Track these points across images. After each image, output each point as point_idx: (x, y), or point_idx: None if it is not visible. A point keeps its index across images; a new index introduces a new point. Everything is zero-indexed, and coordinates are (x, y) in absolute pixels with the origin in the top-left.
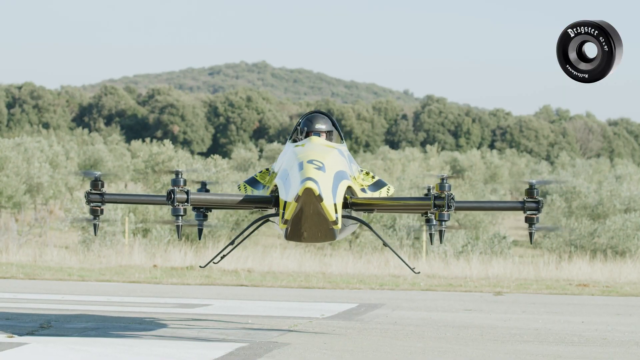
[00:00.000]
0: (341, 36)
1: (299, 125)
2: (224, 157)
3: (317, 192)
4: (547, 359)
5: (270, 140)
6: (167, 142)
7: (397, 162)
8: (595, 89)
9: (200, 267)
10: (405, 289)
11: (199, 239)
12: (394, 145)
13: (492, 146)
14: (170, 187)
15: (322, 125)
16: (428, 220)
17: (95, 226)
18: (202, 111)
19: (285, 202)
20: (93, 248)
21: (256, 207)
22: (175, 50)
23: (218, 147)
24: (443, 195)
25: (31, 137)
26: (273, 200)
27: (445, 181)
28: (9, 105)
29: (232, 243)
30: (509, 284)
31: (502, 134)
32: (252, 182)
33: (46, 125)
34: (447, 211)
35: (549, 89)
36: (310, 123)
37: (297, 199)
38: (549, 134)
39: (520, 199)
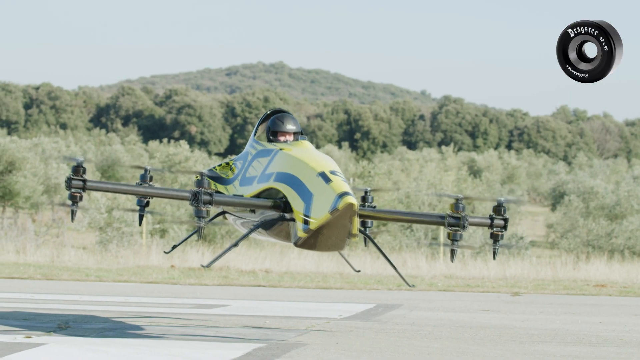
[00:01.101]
0: (358, 37)
1: (263, 122)
2: None
3: (356, 207)
4: (564, 359)
5: None
6: (183, 142)
7: (414, 163)
8: (613, 89)
9: (202, 266)
10: (423, 290)
11: (140, 224)
12: (411, 145)
13: (509, 147)
14: (195, 189)
15: (293, 126)
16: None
17: (72, 212)
18: (219, 112)
19: (308, 213)
20: (110, 248)
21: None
22: (192, 51)
23: (235, 148)
24: (458, 216)
25: (49, 137)
26: (282, 206)
27: (460, 202)
28: (27, 106)
29: (235, 245)
30: (527, 284)
31: (519, 135)
32: (214, 177)
33: (63, 126)
34: (461, 232)
35: (566, 89)
36: (281, 123)
37: (334, 212)
38: (566, 134)
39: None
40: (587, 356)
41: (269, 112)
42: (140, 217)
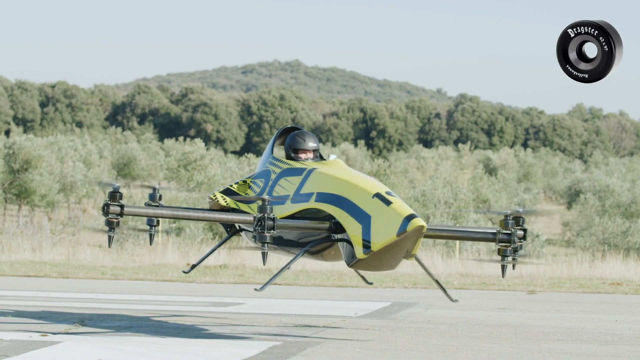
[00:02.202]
0: (374, 35)
1: (278, 139)
2: (257, 155)
3: (425, 229)
4: (580, 357)
5: None
6: (198, 140)
7: (430, 161)
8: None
9: (255, 289)
10: (439, 288)
11: (150, 244)
12: (427, 144)
13: (525, 145)
14: (259, 214)
15: (314, 144)
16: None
17: (110, 238)
18: (235, 110)
19: (367, 235)
20: (126, 247)
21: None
22: (208, 49)
23: (251, 146)
24: (509, 232)
25: (64, 135)
26: (333, 227)
27: (509, 218)
28: (43, 104)
29: (287, 267)
30: (542, 282)
31: (535, 133)
32: (230, 194)
33: (79, 124)
34: (511, 247)
35: (582, 87)
36: (302, 141)
37: (401, 234)
38: (582, 132)
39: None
40: (603, 354)
41: (282, 129)
42: (151, 237)
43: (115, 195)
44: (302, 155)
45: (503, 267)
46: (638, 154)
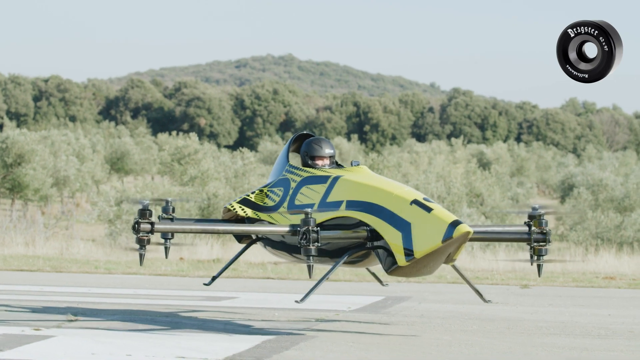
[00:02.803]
0: (368, 29)
1: (292, 145)
2: (250, 150)
3: (472, 234)
4: (573, 351)
5: None
6: (192, 135)
7: (423, 155)
8: (623, 81)
9: (296, 301)
10: (432, 282)
11: (166, 257)
12: (420, 138)
13: (518, 139)
14: (304, 227)
15: (330, 150)
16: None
17: (141, 256)
18: (228, 104)
19: (409, 242)
20: (120, 241)
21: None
22: (201, 43)
23: (244, 140)
24: (544, 232)
25: (58, 130)
26: (369, 235)
27: (542, 217)
28: (36, 99)
29: (326, 277)
30: (535, 276)
31: (528, 127)
32: (248, 204)
33: (73, 118)
34: (547, 247)
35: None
36: (319, 148)
37: (447, 240)
38: (575, 126)
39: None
40: (596, 348)
41: (296, 136)
42: (167, 249)
43: (145, 213)
44: (319, 162)
45: (539, 267)
46: (631, 148)
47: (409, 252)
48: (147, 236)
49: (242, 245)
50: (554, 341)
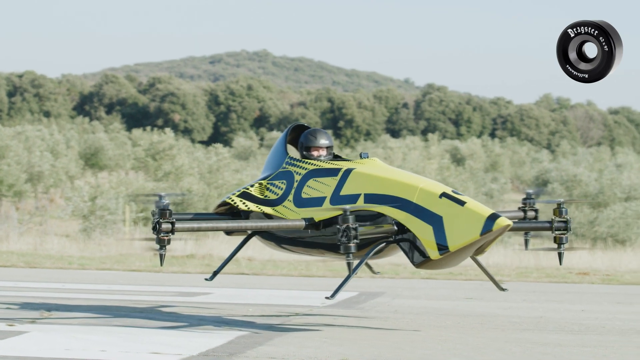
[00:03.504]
0: (342, 25)
1: (287, 137)
2: (224, 145)
3: (511, 226)
4: (547, 347)
5: (271, 129)
6: (168, 130)
7: (397, 151)
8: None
9: (326, 297)
10: (406, 278)
11: (161, 265)
12: (394, 133)
13: (492, 135)
14: (343, 224)
15: (327, 141)
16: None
17: (161, 257)
18: (203, 100)
19: (442, 236)
20: (94, 237)
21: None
22: (176, 39)
23: (219, 136)
24: (565, 220)
25: (32, 125)
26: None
27: (562, 205)
28: (10, 94)
29: (354, 272)
30: (510, 272)
31: (502, 123)
32: (249, 198)
33: (47, 114)
34: (567, 235)
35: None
36: (314, 138)
37: (486, 233)
38: (549, 122)
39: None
40: (570, 344)
41: (292, 127)
42: (162, 257)
43: (165, 213)
44: (315, 153)
45: (560, 255)
46: (605, 144)
47: (442, 246)
48: (167, 236)
49: (239, 239)
50: (527, 337)
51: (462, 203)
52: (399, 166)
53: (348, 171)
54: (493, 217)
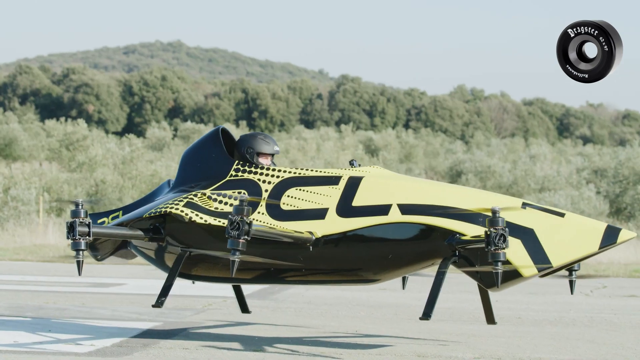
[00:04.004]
0: (256, 16)
1: (221, 141)
2: (138, 136)
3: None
4: (460, 337)
5: (185, 120)
6: (81, 121)
7: (311, 142)
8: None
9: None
10: None
11: (79, 274)
12: (308, 124)
13: (407, 126)
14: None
15: (277, 147)
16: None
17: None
18: (117, 90)
19: (539, 251)
20: (7, 227)
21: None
22: (90, 30)
23: (133, 127)
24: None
25: None
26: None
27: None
28: None
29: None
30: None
31: (416, 114)
32: (198, 209)
33: None
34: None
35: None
36: (266, 144)
37: (607, 246)
38: (463, 113)
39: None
40: (484, 334)
41: (219, 131)
42: (80, 264)
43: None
44: (265, 160)
45: (572, 283)
46: (519, 135)
47: (541, 262)
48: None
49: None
50: (441, 327)
51: (561, 214)
52: (312, 157)
53: (356, 179)
54: (613, 229)
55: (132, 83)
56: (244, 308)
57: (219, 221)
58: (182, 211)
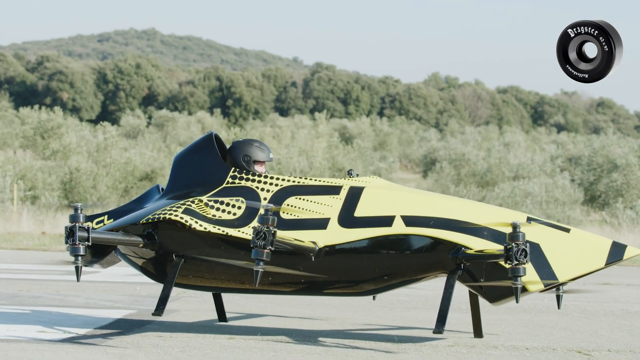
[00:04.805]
0: (231, 3)
1: (213, 148)
2: (112, 124)
3: None
4: (416, 322)
5: (159, 107)
6: (57, 109)
7: (286, 130)
8: (485, 57)
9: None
10: None
11: (78, 280)
12: (283, 112)
13: (381, 114)
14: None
15: (271, 154)
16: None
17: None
18: (91, 78)
19: (544, 264)
20: None
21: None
22: (64, 17)
23: (107, 114)
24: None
25: None
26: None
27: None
28: None
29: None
30: None
31: (391, 102)
32: (197, 216)
33: None
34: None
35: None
36: (262, 152)
37: (613, 262)
38: (437, 101)
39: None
40: (457, 322)
41: (212, 137)
42: (78, 269)
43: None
44: (260, 168)
45: (559, 298)
46: (493, 123)
47: (548, 276)
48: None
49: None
50: (415, 315)
51: (565, 230)
52: (287, 145)
53: (357, 189)
54: (619, 246)
55: (106, 71)
56: (222, 317)
57: (218, 229)
58: (181, 218)
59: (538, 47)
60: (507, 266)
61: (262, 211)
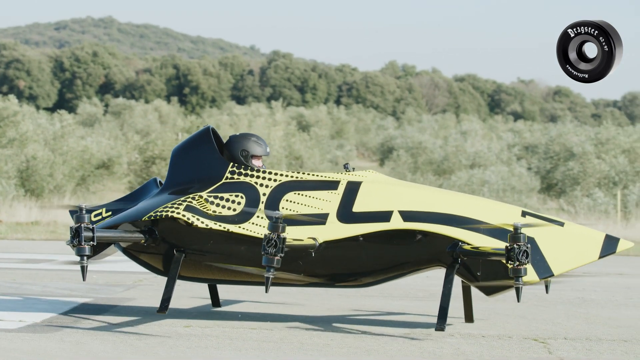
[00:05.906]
0: None
1: (211, 142)
2: (69, 112)
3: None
4: (393, 316)
5: (116, 95)
6: (12, 97)
7: (243, 118)
8: (442, 45)
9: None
10: None
11: (84, 279)
12: (240, 100)
13: (338, 102)
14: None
15: (268, 148)
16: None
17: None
18: (48, 66)
19: (540, 258)
20: None
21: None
22: (21, 5)
23: (64, 102)
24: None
25: None
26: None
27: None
28: None
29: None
30: None
31: (348, 90)
32: (198, 213)
33: None
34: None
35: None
36: (259, 147)
37: (606, 255)
38: (395, 89)
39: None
40: (413, 310)
41: (209, 131)
42: (84, 269)
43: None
44: (257, 163)
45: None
46: (450, 111)
47: (543, 269)
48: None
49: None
50: (372, 303)
51: (560, 223)
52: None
53: (355, 184)
54: (612, 238)
55: (63, 59)
56: (216, 303)
57: (220, 225)
58: (183, 215)
59: (495, 35)
60: (509, 266)
61: (272, 219)
